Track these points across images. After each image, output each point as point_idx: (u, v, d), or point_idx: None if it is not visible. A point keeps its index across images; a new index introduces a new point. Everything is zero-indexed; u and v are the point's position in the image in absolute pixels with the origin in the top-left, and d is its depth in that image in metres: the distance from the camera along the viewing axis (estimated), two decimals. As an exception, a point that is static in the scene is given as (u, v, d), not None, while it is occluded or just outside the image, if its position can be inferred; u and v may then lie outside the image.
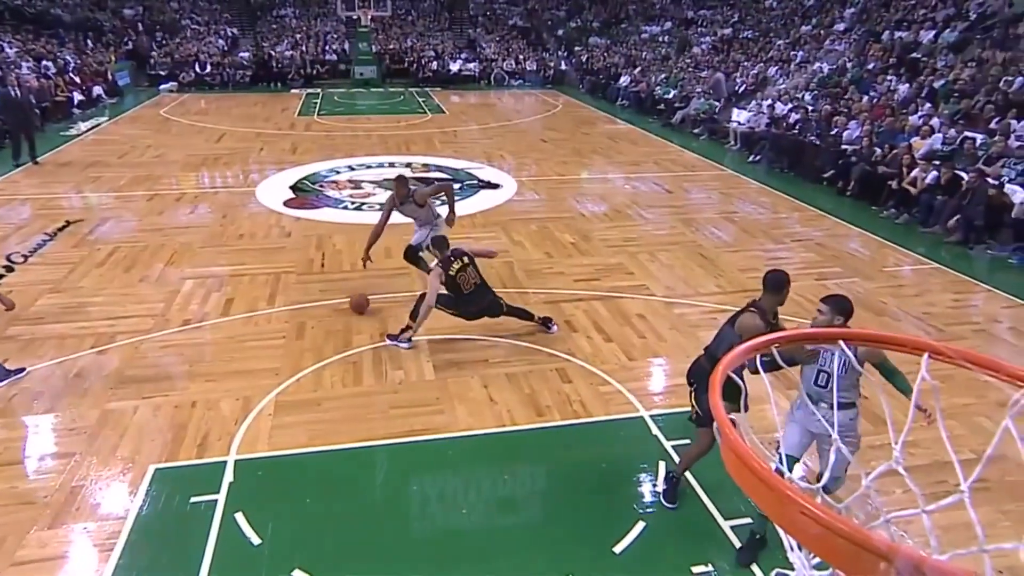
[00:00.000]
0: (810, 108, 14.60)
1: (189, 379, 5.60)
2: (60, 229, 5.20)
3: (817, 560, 1.37)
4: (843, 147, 12.33)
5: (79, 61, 21.21)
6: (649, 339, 6.40)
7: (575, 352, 6.09)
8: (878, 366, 3.62)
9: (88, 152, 13.97)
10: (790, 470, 2.54)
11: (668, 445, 4.82)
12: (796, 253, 8.82)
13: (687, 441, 4.82)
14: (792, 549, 1.42)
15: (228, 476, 4.44)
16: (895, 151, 11.12)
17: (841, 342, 1.58)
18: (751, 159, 14.08)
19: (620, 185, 12.09)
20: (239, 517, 4.08)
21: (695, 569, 3.78)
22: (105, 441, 4.80)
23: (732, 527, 4.06)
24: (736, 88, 18.09)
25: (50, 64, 19.47)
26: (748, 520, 4.03)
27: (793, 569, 1.47)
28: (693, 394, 4.21)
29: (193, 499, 4.24)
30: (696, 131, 16.90)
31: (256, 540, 3.92)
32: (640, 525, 4.06)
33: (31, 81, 17.14)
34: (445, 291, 5.99)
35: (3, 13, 22.21)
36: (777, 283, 3.97)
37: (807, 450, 3.76)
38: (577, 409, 5.25)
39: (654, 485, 4.45)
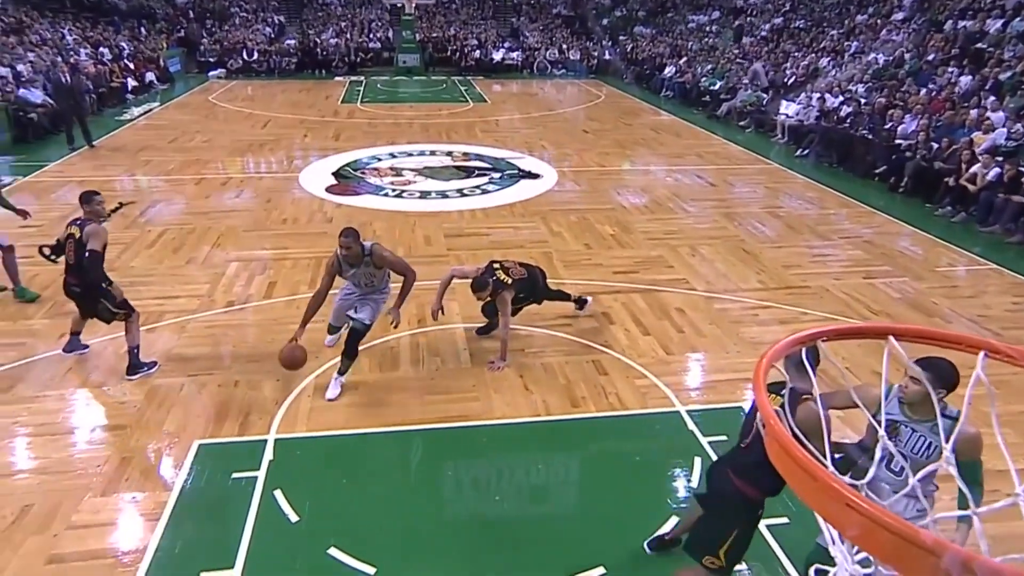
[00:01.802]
0: (863, 101, 14.14)
1: (232, 359, 5.74)
2: (113, 211, 5.39)
3: (861, 556, 1.33)
4: (897, 142, 11.92)
5: (133, 48, 21.85)
6: (688, 333, 6.31)
7: (612, 344, 6.05)
8: (967, 465, 2.68)
9: (140, 137, 14.39)
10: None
11: (704, 441, 4.75)
12: (843, 250, 8.57)
13: (724, 438, 4.76)
14: (833, 543, 1.39)
15: (268, 454, 4.55)
16: (954, 146, 10.69)
17: (892, 339, 1.53)
18: (799, 153, 13.73)
19: (662, 177, 11.93)
20: (278, 494, 4.18)
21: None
22: (153, 416, 4.97)
23: (768, 526, 3.99)
24: (785, 80, 17.62)
25: (106, 51, 20.10)
26: (785, 520, 3.96)
27: (833, 565, 1.44)
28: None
29: (235, 475, 4.36)
30: (742, 124, 16.54)
31: (294, 517, 4.02)
32: (674, 520, 4.02)
33: (89, 67, 17.72)
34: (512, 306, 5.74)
35: (64, 1, 22.97)
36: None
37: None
38: (613, 401, 5.22)
39: (688, 480, 4.41)
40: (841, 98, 14.63)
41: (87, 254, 5.15)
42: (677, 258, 8.14)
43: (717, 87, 18.68)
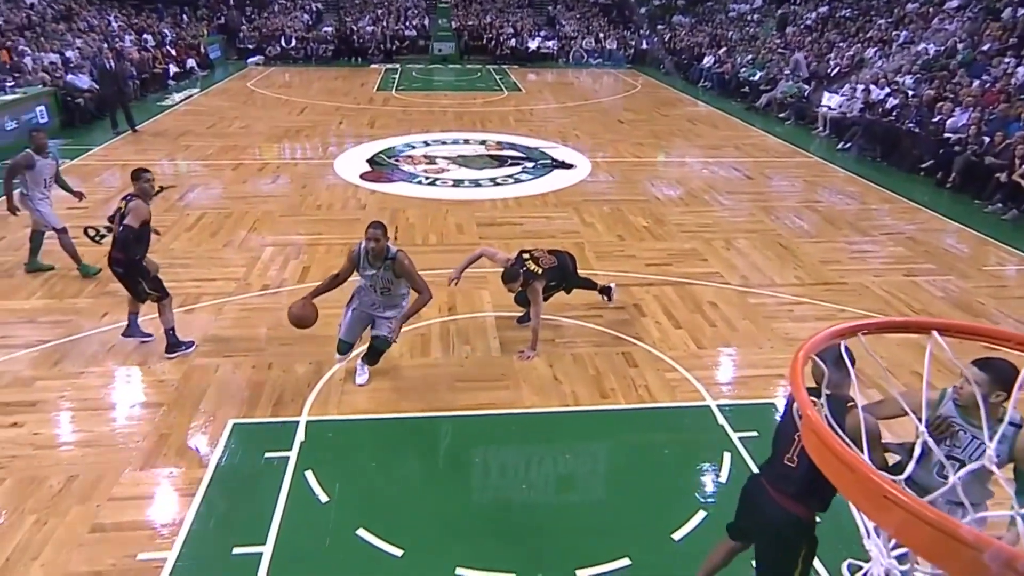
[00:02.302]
0: (910, 93, 13.69)
1: (266, 342, 5.85)
2: (155, 194, 5.51)
3: (898, 552, 1.30)
4: (945, 135, 11.53)
5: (175, 35, 22.26)
6: (720, 328, 6.23)
7: (643, 337, 6.00)
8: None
9: (180, 122, 14.67)
10: None
11: (735, 436, 4.70)
12: (884, 247, 8.35)
13: (755, 433, 4.70)
14: (868, 536, 1.35)
15: (300, 436, 4.63)
16: (1008, 141, 10.29)
17: (936, 334, 1.47)
18: (840, 146, 13.38)
19: (698, 169, 11.75)
20: (309, 475, 4.25)
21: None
22: (190, 394, 5.09)
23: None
24: (828, 70, 17.15)
25: (149, 37, 20.52)
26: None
27: (867, 560, 1.40)
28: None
29: (267, 455, 4.45)
30: (782, 115, 16.18)
31: (324, 498, 4.08)
32: (701, 514, 3.98)
33: (133, 53, 18.12)
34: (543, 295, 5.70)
35: (110, -12, 23.50)
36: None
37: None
38: (642, 394, 5.19)
39: (717, 475, 4.36)
40: (887, 90, 14.18)
41: (121, 228, 5.26)
42: (711, 251, 8.02)
43: (757, 78, 18.30)
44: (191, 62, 21.16)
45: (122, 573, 3.55)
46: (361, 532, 3.82)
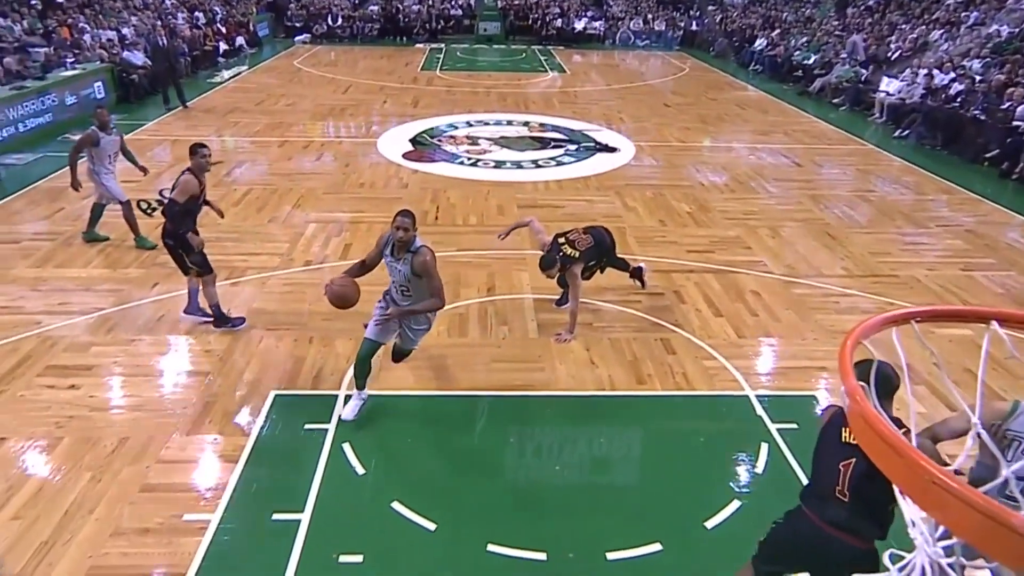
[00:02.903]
0: (977, 78, 13.04)
1: (308, 316, 5.97)
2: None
3: (944, 544, 1.27)
4: (1015, 123, 10.96)
5: (226, 12, 22.63)
6: (762, 317, 6.11)
7: (682, 324, 5.93)
8: None
9: (229, 99, 14.96)
10: None
11: (773, 428, 4.62)
12: (940, 239, 8.04)
13: (794, 426, 4.62)
14: (913, 525, 1.32)
15: (338, 409, 4.73)
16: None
17: (995, 324, 1.42)
18: (898, 134, 12.89)
19: (745, 155, 11.48)
20: (346, 447, 4.35)
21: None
22: (234, 365, 5.24)
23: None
24: (888, 54, 16.46)
25: (201, 15, 20.91)
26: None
27: (911, 550, 1.37)
28: None
29: (307, 426, 4.56)
30: (836, 101, 15.64)
31: (360, 470, 4.17)
32: (736, 504, 3.95)
33: (185, 31, 18.51)
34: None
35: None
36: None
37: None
38: (680, 381, 5.14)
39: (753, 466, 4.30)
40: (952, 75, 13.54)
41: (168, 201, 5.43)
42: (756, 239, 7.85)
43: (811, 61, 17.71)
44: (240, 40, 21.51)
45: (169, 531, 3.70)
46: (396, 505, 3.89)
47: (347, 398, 4.83)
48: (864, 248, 7.67)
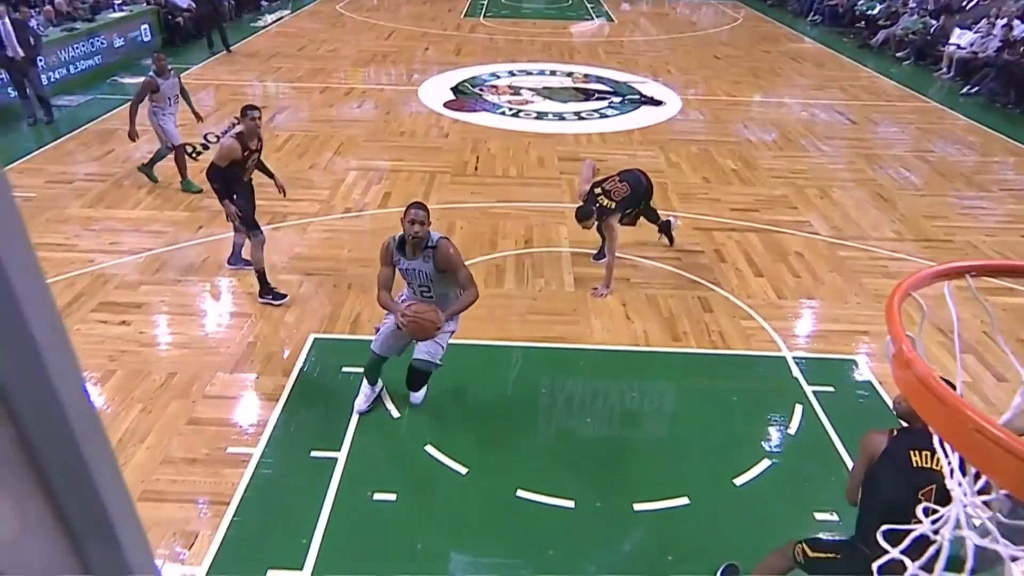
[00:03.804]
0: (1061, 30, 12.16)
1: (347, 262, 6.06)
2: (244, 108, 5.62)
3: (982, 499, 1.25)
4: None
5: (271, -45, 22.37)
6: (804, 279, 5.97)
7: (721, 283, 5.84)
8: None
9: (271, 44, 14.94)
10: None
11: (808, 390, 4.57)
12: (1001, 204, 7.68)
13: (831, 389, 4.56)
14: (951, 476, 1.30)
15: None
16: None
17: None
18: (965, 90, 12.17)
19: (796, 111, 11.04)
20: (383, 392, 4.45)
21: (818, 516, 3.64)
22: (275, 308, 5.37)
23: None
24: (962, 3, 15.40)
25: (246, -43, 20.71)
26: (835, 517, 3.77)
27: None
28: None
29: (344, 369, 4.68)
30: (900, 54, 14.80)
31: (396, 414, 4.28)
32: (766, 463, 3.94)
33: (230, -27, 18.39)
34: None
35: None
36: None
37: None
38: (715, 339, 5.09)
39: (786, 427, 4.27)
40: (1033, 26, 12.65)
41: (211, 164, 5.23)
42: (803, 199, 7.62)
43: (876, 11, 16.74)
44: (284, -17, 21.30)
45: (214, 463, 3.88)
46: (429, 448, 4.00)
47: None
48: (918, 211, 7.38)
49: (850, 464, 3.95)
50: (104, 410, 4.25)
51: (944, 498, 2.11)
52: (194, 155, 7.75)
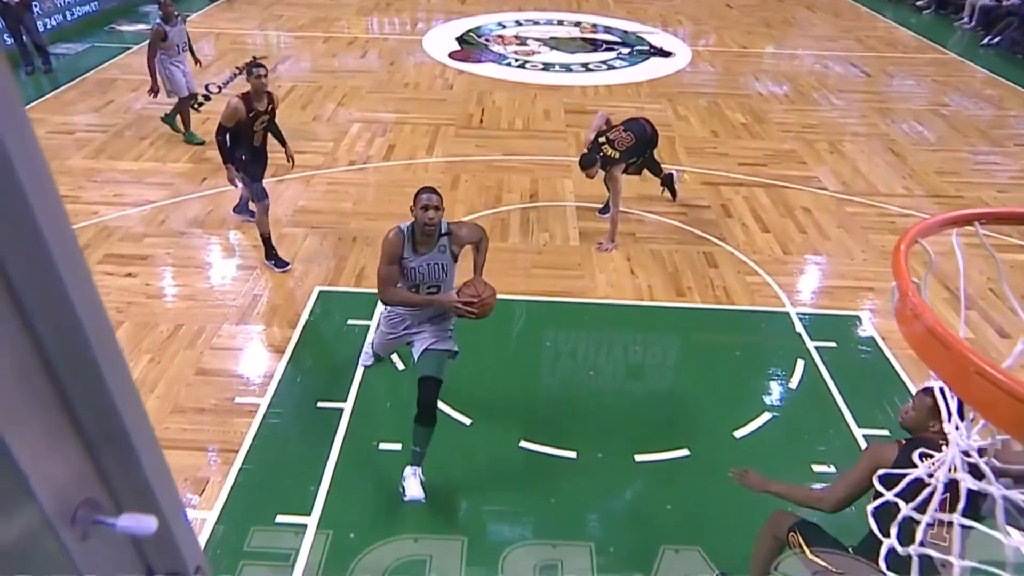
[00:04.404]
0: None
1: (351, 216, 6.03)
2: (248, 65, 5.50)
3: (980, 444, 1.27)
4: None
5: None
6: (811, 234, 5.93)
7: (726, 238, 5.80)
8: None
9: (275, -9, 14.55)
10: None
11: (811, 345, 4.58)
12: (1017, 160, 7.54)
13: (833, 344, 4.58)
14: (949, 419, 1.32)
15: (380, 306, 4.84)
16: None
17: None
18: (986, 41, 11.77)
19: (809, 64, 10.78)
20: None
21: (816, 468, 3.70)
22: (280, 260, 5.38)
23: (865, 436, 3.88)
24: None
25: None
26: (886, 432, 3.82)
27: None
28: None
29: (349, 321, 4.72)
30: (920, 3, 14.32)
31: (400, 366, 4.33)
32: (766, 416, 3.99)
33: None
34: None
35: None
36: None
37: None
38: (719, 295, 5.09)
39: (787, 381, 4.31)
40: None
41: (219, 125, 5.04)
42: (812, 154, 7.50)
43: (893, -41, 16.14)
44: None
45: (222, 412, 3.95)
46: (433, 399, 4.05)
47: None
48: (929, 167, 7.26)
49: (850, 418, 4.00)
50: (113, 360, 4.30)
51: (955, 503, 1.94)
52: (195, 106, 7.65)
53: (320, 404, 4.03)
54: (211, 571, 0.83)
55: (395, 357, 4.38)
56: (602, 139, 5.41)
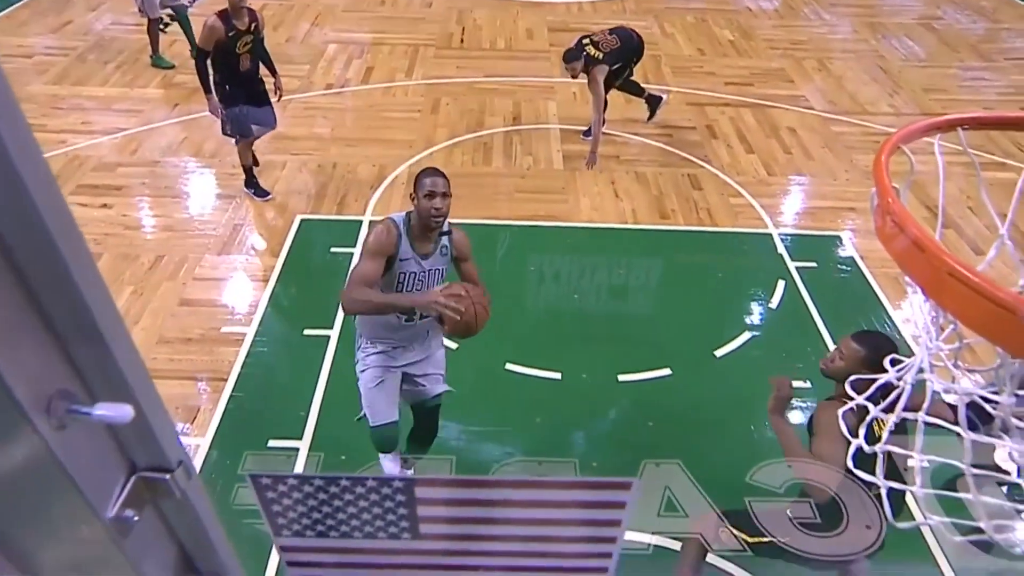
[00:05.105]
0: None
1: (331, 142, 5.89)
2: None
3: (947, 348, 1.32)
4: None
5: None
6: (795, 155, 5.90)
7: (711, 159, 5.76)
8: None
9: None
10: None
11: (792, 266, 4.64)
12: (1005, 75, 7.45)
13: (814, 264, 4.64)
14: (917, 326, 1.36)
15: (363, 234, 4.82)
16: None
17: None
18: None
19: (800, -25, 10.39)
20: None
21: (793, 383, 3.81)
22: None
23: (843, 353, 3.99)
24: None
25: None
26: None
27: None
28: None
29: (333, 249, 4.69)
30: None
31: (386, 292, 4.34)
32: (746, 335, 4.08)
33: None
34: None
35: None
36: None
37: None
38: (703, 216, 5.10)
39: (768, 302, 4.38)
40: None
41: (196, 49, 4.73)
42: (800, 72, 7.35)
43: None
44: None
45: (209, 342, 3.97)
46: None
47: (371, 224, 4.90)
48: (918, 84, 7.16)
49: (827, 336, 4.09)
50: (95, 292, 4.27)
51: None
52: (161, 27, 7.30)
53: (307, 331, 4.05)
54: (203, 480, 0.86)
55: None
56: (586, 40, 5.33)
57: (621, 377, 3.82)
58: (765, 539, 2.35)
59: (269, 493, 0.83)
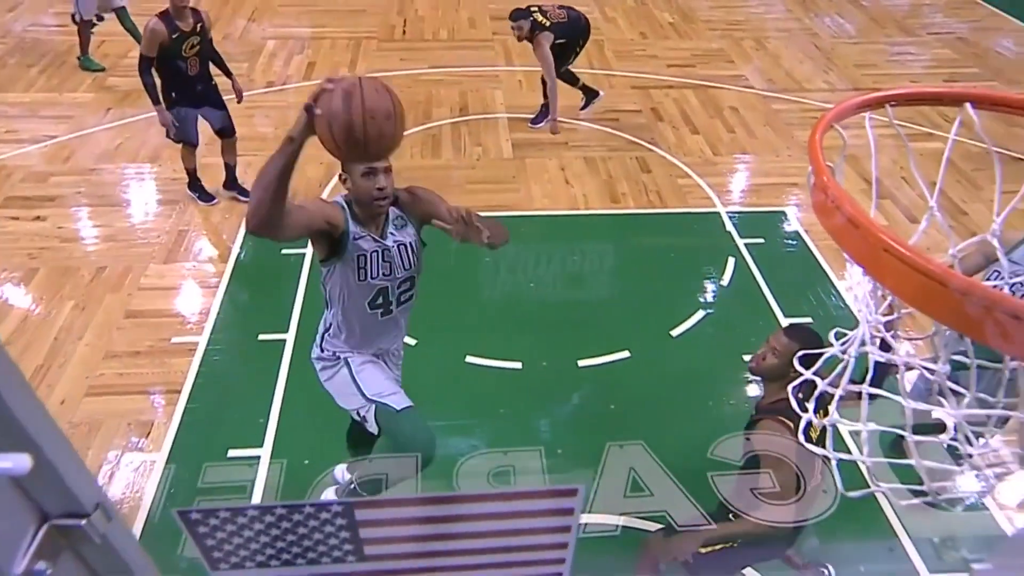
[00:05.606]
0: None
1: (275, 141, 5.71)
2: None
3: (886, 319, 1.38)
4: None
5: None
6: (739, 134, 6.03)
7: (658, 142, 5.84)
8: None
9: None
10: None
11: (741, 243, 4.76)
12: (928, 49, 7.75)
13: (761, 240, 4.76)
14: (857, 299, 1.43)
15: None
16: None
17: (968, 106, 1.41)
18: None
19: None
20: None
21: (746, 357, 3.90)
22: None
23: (792, 324, 4.12)
24: None
25: None
26: (809, 319, 4.07)
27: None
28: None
29: (284, 250, 4.59)
30: None
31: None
32: (700, 313, 4.18)
33: None
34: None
35: None
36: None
37: None
38: (653, 199, 5.18)
39: (719, 279, 4.49)
40: None
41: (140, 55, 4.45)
42: (739, 52, 7.51)
43: None
44: None
45: (159, 353, 3.86)
46: (377, 323, 4.05)
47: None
48: (849, 60, 7.39)
49: (777, 309, 4.21)
50: (32, 311, 4.10)
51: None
52: (89, 26, 6.99)
53: (262, 336, 3.97)
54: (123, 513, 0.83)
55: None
56: (534, 8, 5.42)
57: (581, 362, 3.86)
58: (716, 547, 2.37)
59: (201, 528, 0.80)
